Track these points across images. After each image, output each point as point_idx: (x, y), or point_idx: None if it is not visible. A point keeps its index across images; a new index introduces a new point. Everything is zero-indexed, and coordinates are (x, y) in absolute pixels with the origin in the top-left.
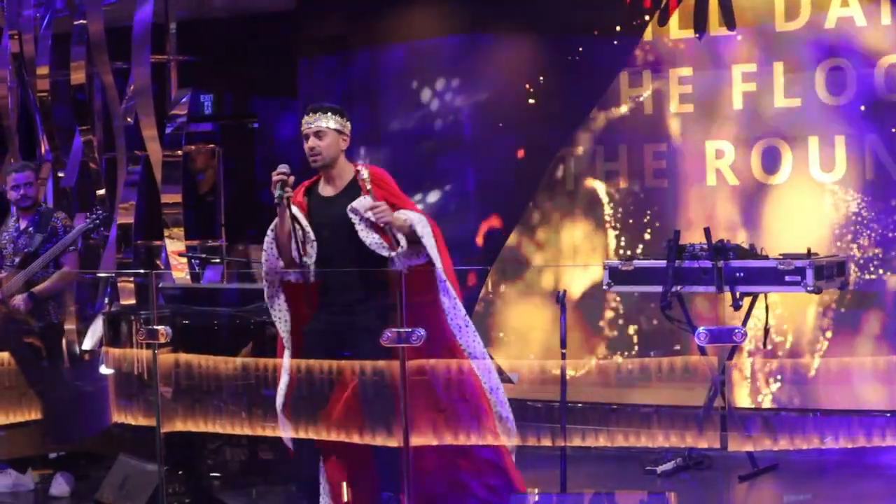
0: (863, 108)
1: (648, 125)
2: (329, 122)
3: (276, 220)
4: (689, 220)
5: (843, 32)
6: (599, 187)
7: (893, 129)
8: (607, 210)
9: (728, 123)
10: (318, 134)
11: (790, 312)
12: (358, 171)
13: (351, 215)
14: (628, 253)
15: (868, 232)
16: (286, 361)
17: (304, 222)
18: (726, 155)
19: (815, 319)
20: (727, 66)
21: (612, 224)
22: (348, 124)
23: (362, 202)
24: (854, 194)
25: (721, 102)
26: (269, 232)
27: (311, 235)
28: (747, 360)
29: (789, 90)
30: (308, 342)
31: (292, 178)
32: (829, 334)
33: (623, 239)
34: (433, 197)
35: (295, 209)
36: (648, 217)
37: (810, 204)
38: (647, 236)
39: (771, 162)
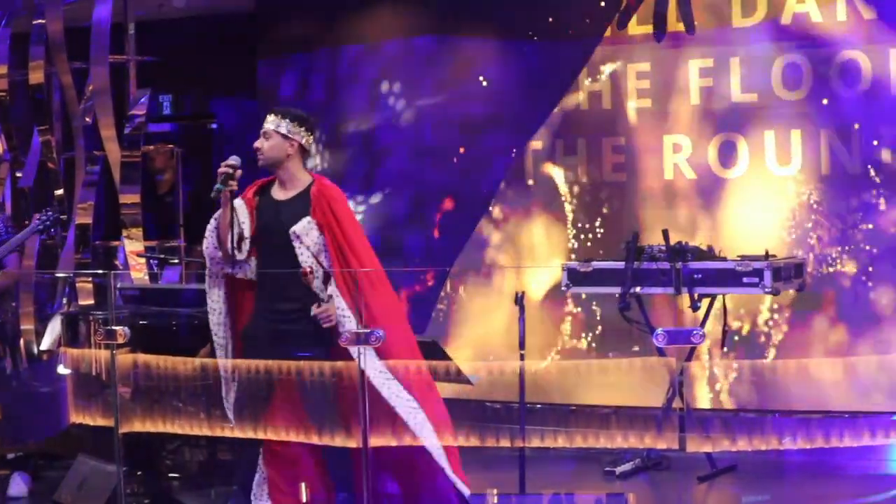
0: (825, 101)
1: (607, 120)
2: (276, 125)
3: (221, 209)
4: (646, 214)
5: (800, 28)
6: (559, 182)
7: (850, 124)
8: (566, 204)
9: (685, 118)
10: (265, 134)
11: (747, 307)
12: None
13: (292, 237)
14: (588, 245)
15: (827, 225)
16: (221, 362)
17: (242, 218)
18: (684, 149)
19: (771, 315)
20: (684, 61)
21: (571, 218)
22: (304, 133)
23: (304, 226)
24: (810, 188)
25: (678, 97)
26: (212, 220)
27: (245, 233)
28: (706, 360)
29: (746, 85)
30: (246, 345)
31: (239, 172)
32: (785, 328)
33: (581, 233)
34: (391, 197)
35: (239, 203)
36: (607, 211)
37: (767, 197)
38: (604, 230)
39: (728, 156)
